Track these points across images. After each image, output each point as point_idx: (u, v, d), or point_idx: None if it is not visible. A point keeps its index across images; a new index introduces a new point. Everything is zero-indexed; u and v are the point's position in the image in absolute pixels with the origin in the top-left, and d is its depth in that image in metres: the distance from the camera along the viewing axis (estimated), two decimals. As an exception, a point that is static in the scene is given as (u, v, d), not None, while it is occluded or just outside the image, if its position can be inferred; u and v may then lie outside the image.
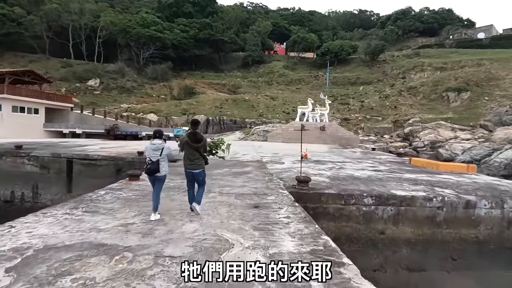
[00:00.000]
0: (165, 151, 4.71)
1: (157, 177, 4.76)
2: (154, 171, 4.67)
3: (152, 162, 4.64)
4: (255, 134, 38.42)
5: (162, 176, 4.81)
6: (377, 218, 7.38)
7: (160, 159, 4.66)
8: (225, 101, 51.19)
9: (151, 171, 4.67)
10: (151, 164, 4.64)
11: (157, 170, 4.67)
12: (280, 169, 11.79)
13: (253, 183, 8.25)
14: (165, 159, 4.75)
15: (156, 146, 4.67)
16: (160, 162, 4.66)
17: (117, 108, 44.25)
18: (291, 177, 9.70)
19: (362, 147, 28.84)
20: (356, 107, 49.18)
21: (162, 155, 4.67)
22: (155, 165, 4.64)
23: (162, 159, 4.69)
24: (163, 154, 4.68)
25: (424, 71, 57.22)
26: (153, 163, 4.64)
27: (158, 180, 4.82)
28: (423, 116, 42.63)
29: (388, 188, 8.28)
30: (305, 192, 7.37)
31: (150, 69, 58.64)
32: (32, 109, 29.53)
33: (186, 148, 4.86)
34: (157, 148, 4.66)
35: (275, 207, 5.61)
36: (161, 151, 4.66)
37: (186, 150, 4.89)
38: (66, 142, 23.53)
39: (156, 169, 4.66)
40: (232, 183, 8.10)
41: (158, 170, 4.68)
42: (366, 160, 16.52)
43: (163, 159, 4.71)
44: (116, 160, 15.62)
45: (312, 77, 66.97)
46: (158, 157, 4.65)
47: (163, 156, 4.70)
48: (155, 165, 4.64)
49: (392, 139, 42.83)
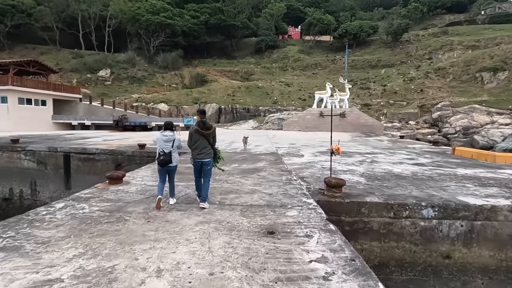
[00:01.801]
0: (176, 142, 4.90)
1: (170, 167, 4.92)
2: (167, 162, 4.80)
3: (164, 154, 4.77)
4: (269, 122, 36.32)
5: (174, 166, 4.98)
6: (441, 237, 5.29)
7: (172, 150, 4.84)
8: (237, 88, 49.08)
9: (164, 162, 4.79)
10: (164, 156, 4.77)
11: (170, 161, 4.82)
12: (299, 164, 9.77)
13: (267, 186, 6.31)
14: (175, 150, 4.93)
15: (168, 138, 4.83)
16: (172, 153, 4.83)
17: (128, 99, 43.20)
18: (315, 176, 7.67)
19: (388, 135, 26.20)
20: (378, 92, 45.80)
21: (173, 147, 4.86)
22: (168, 156, 4.78)
23: (173, 151, 4.87)
24: (174, 146, 4.87)
25: (453, 50, 52.44)
26: (165, 155, 4.77)
27: (171, 171, 5.00)
28: (453, 99, 38.94)
29: (450, 192, 6.11)
30: (338, 201, 5.36)
31: (161, 57, 57.10)
32: (39, 100, 28.67)
33: (196, 137, 4.87)
34: (169, 140, 4.83)
35: (300, 233, 3.65)
36: (172, 142, 4.85)
37: (195, 140, 4.88)
38: (71, 135, 22.43)
39: (169, 160, 4.80)
40: (239, 187, 6.20)
41: (171, 161, 4.83)
42: (399, 151, 14.17)
43: (174, 150, 4.89)
44: (115, 154, 14.12)
45: (329, 61, 63.30)
46: (170, 149, 4.81)
47: (175, 147, 4.89)
48: (168, 156, 4.78)
49: (418, 125, 39.49)
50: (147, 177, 7.19)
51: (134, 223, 3.92)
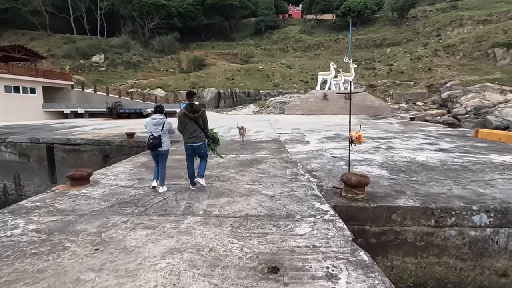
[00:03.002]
0: (166, 126, 4.68)
1: (160, 152, 4.71)
2: (156, 146, 4.62)
3: (154, 137, 4.60)
4: (270, 106, 34.78)
5: (165, 151, 4.75)
6: (496, 250, 4.05)
7: (162, 134, 4.63)
8: (237, 71, 47.10)
9: (153, 145, 4.61)
10: (153, 139, 4.59)
11: (159, 145, 4.63)
12: (305, 152, 8.47)
13: (268, 183, 5.06)
14: (166, 134, 4.71)
15: (157, 121, 4.63)
16: (162, 137, 4.63)
17: (123, 85, 41.53)
18: (325, 168, 6.38)
19: (397, 117, 24.71)
20: (384, 72, 43.72)
21: (163, 130, 4.65)
22: (157, 140, 4.60)
23: (163, 134, 4.66)
24: (164, 129, 4.66)
25: (463, 26, 49.62)
26: (155, 138, 4.60)
27: (162, 156, 4.77)
28: (464, 78, 36.98)
29: (502, 189, 4.80)
30: (361, 205, 4.08)
31: (156, 41, 54.70)
32: (27, 88, 27.20)
33: (184, 121, 4.66)
34: (158, 123, 4.63)
35: (318, 270, 2.39)
36: (162, 126, 4.64)
37: (184, 124, 4.68)
38: (60, 124, 21.15)
39: (158, 144, 4.61)
40: (233, 186, 4.94)
41: (160, 145, 4.64)
42: (414, 134, 12.79)
43: (164, 134, 4.67)
44: (101, 145, 12.90)
45: (332, 41, 60.54)
46: (160, 132, 4.61)
47: (165, 131, 4.67)
48: (157, 139, 4.60)
49: (426, 106, 37.76)
50: (122, 175, 5.94)
51: (72, 255, 2.68)
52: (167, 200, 4.29)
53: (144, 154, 8.95)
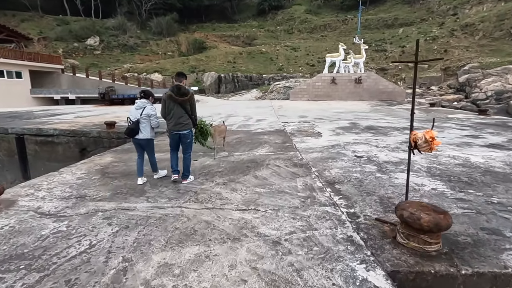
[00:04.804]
0: (146, 110, 4.22)
1: (138, 140, 4.26)
2: (132, 131, 4.20)
3: (131, 122, 4.22)
4: (274, 91, 32.55)
5: (143, 139, 4.26)
6: None
7: (141, 119, 4.19)
8: (239, 54, 44.51)
9: (129, 131, 4.22)
10: (130, 124, 4.22)
11: (136, 131, 4.20)
12: (318, 149, 6.56)
13: (270, 209, 3.21)
14: (146, 120, 4.22)
15: (138, 105, 4.26)
16: (140, 123, 4.20)
17: (118, 69, 39.34)
18: (352, 178, 4.48)
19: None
20: (395, 54, 40.90)
21: (142, 115, 4.20)
22: (134, 125, 4.19)
23: (143, 119, 4.20)
24: (143, 114, 4.20)
25: (482, 3, 45.94)
26: (132, 123, 4.21)
27: (144, 146, 4.32)
28: (483, 60, 34.23)
29: None
30: (443, 272, 2.19)
31: (154, 22, 51.80)
32: (13, 72, 25.25)
33: (170, 105, 4.10)
34: (139, 107, 4.24)
35: None
36: (142, 110, 4.21)
37: (169, 108, 4.12)
38: (44, 111, 19.35)
39: (134, 130, 4.19)
40: (214, 216, 3.06)
41: (137, 131, 4.21)
42: (444, 124, 10.74)
43: (144, 120, 4.21)
44: (77, 136, 11.11)
45: (339, 22, 57.05)
46: (138, 117, 4.19)
47: (144, 116, 4.20)
48: (134, 124, 4.19)
49: (442, 91, 35.19)
50: (60, 188, 4.12)
51: None
52: (92, 252, 2.46)
53: (116, 150, 7.15)
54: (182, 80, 4.19)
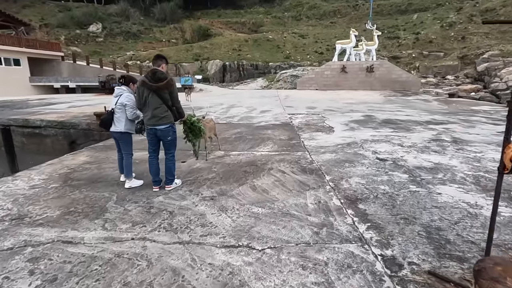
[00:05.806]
0: (121, 99, 3.59)
1: (114, 133, 3.67)
2: (106, 123, 3.66)
3: (107, 113, 3.75)
4: (281, 80, 31.20)
5: (117, 132, 3.64)
6: None
7: (115, 109, 3.61)
8: (244, 42, 42.93)
9: (102, 122, 3.71)
10: (105, 115, 3.71)
11: (109, 122, 3.64)
12: (331, 148, 5.51)
13: (269, 247, 2.18)
14: (121, 110, 3.60)
15: (116, 93, 3.69)
16: (115, 113, 3.61)
17: (121, 56, 38.33)
18: (379, 194, 3.42)
19: (430, 93, 21.01)
20: (409, 42, 38.88)
21: (117, 104, 3.60)
22: (107, 116, 3.66)
23: (118, 109, 3.60)
24: (118, 103, 3.60)
25: (504, -14, 43.09)
26: (107, 113, 3.70)
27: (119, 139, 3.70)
28: (505, 47, 32.10)
29: None
30: None
31: (158, 8, 50.38)
32: (11, 60, 24.48)
33: (143, 92, 3.33)
34: (116, 95, 3.67)
35: None
36: (118, 98, 3.62)
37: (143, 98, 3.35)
38: (39, 100, 18.58)
39: (107, 121, 3.63)
40: (188, 259, 2.05)
41: (111, 123, 3.63)
42: (471, 118, 9.52)
43: (119, 109, 3.60)
44: (65, 128, 10.28)
45: (350, 8, 54.58)
46: (113, 106, 3.64)
47: (119, 105, 3.59)
48: (108, 115, 3.66)
49: (458, 80, 33.28)
50: (0, 203, 3.19)
51: None
52: None
53: (96, 147, 6.24)
54: (160, 65, 3.41)
